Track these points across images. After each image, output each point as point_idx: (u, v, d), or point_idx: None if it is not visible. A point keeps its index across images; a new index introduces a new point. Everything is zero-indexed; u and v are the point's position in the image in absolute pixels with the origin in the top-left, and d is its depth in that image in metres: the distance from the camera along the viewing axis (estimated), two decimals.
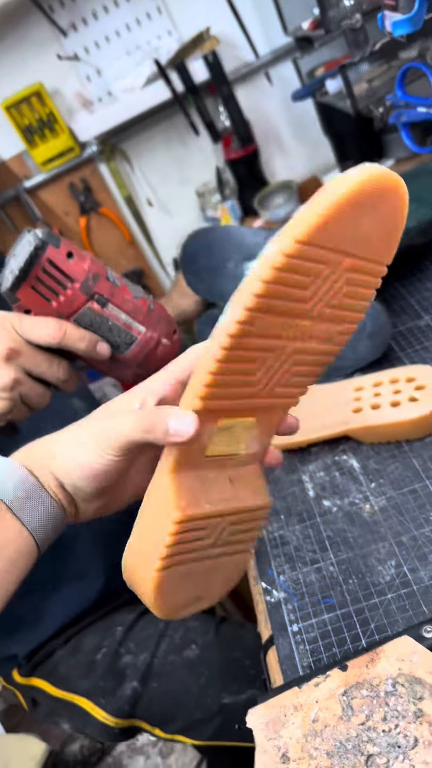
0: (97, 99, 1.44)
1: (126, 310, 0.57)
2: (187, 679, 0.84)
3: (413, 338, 0.89)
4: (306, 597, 0.61)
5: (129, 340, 0.58)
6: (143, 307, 0.58)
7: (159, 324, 0.59)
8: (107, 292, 0.56)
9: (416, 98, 0.81)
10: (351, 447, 0.76)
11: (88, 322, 0.56)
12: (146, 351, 0.59)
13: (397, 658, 0.44)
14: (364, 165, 0.34)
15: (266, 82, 1.47)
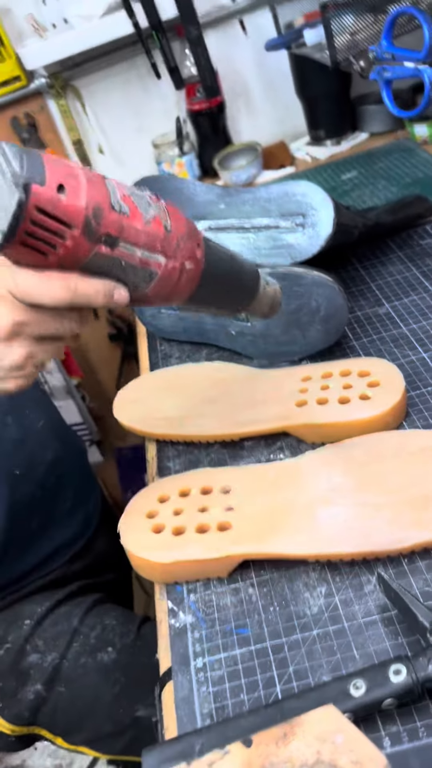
0: (51, 25, 1.28)
1: (140, 244, 0.44)
2: (99, 686, 0.75)
3: (371, 327, 0.79)
4: (217, 624, 0.51)
5: (148, 277, 0.46)
6: (159, 230, 0.45)
7: (180, 246, 0.46)
8: (115, 228, 0.42)
9: (405, 50, 0.70)
10: (290, 445, 0.66)
11: (97, 268, 0.43)
12: (170, 285, 0.47)
13: (317, 737, 0.34)
14: None
15: (240, 30, 1.34)
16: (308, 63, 1.17)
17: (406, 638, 0.47)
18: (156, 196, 0.46)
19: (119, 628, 0.79)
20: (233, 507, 0.57)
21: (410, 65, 0.69)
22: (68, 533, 0.90)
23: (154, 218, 0.44)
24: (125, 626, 0.79)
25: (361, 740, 0.35)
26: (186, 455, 0.69)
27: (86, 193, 0.40)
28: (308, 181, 0.73)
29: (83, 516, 0.93)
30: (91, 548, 0.93)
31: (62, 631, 0.78)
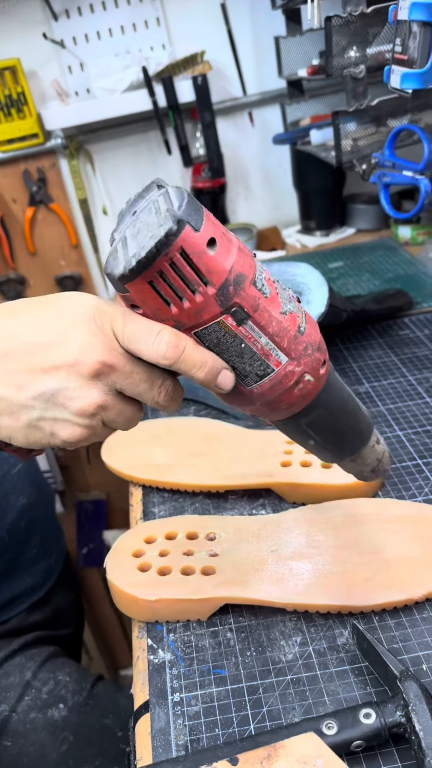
0: (74, 92, 1.37)
1: (269, 332, 0.40)
2: (46, 743, 0.72)
3: None
4: (195, 664, 0.53)
5: (262, 371, 0.41)
6: (292, 327, 0.41)
7: (307, 353, 0.42)
8: (250, 304, 0.39)
9: (404, 161, 0.79)
10: (271, 502, 0.69)
11: (213, 340, 0.40)
12: (281, 389, 0.42)
13: (299, 760, 0.37)
14: None
15: (248, 121, 1.45)
16: (308, 160, 1.28)
17: (374, 688, 0.50)
18: (298, 299, 0.44)
19: (72, 684, 0.77)
20: (218, 553, 0.60)
21: (409, 174, 0.78)
22: (30, 581, 0.89)
23: (291, 313, 0.42)
24: (78, 683, 0.78)
25: (340, 766, 0.37)
26: (171, 502, 0.72)
27: (235, 257, 0.38)
28: (307, 264, 0.80)
29: (46, 565, 0.93)
30: (50, 600, 0.93)
31: (14, 683, 0.76)
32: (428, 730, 0.43)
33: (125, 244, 0.38)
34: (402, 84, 0.69)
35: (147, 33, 1.33)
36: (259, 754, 0.39)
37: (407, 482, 0.69)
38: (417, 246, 1.29)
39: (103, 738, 0.74)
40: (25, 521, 0.88)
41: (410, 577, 0.55)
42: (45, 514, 0.96)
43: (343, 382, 0.48)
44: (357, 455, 0.49)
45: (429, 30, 0.67)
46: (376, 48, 0.91)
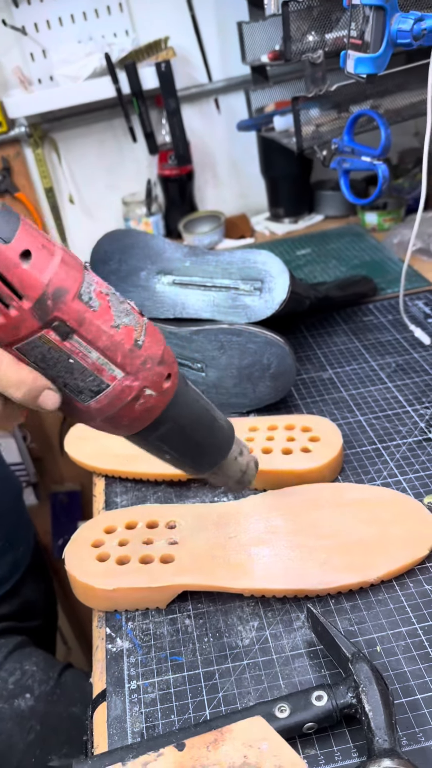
0: (37, 80, 1.35)
1: (99, 347, 0.39)
2: (13, 733, 0.72)
3: (314, 389, 0.85)
4: (153, 651, 0.54)
5: (97, 387, 0.40)
6: (127, 341, 0.40)
7: (146, 367, 0.41)
8: (74, 317, 0.38)
9: (363, 146, 0.79)
10: None
11: (38, 356, 0.39)
12: (120, 404, 0.41)
13: (245, 743, 0.37)
14: None
15: (214, 108, 1.44)
16: (274, 146, 1.27)
17: (329, 671, 0.50)
18: (141, 313, 0.43)
19: (39, 674, 0.77)
20: (177, 541, 0.60)
21: (367, 160, 0.78)
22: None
23: (126, 327, 0.40)
24: (45, 672, 0.78)
25: (285, 748, 0.38)
26: (133, 492, 0.72)
27: (54, 271, 0.37)
28: (269, 252, 0.80)
29: (12, 558, 0.92)
30: (19, 592, 0.92)
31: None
32: (377, 711, 0.44)
33: None
34: (356, 69, 0.68)
35: (110, 19, 1.32)
36: (206, 739, 0.39)
37: (366, 466, 0.70)
38: (383, 232, 1.30)
39: (71, 726, 0.74)
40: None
41: (366, 560, 0.56)
42: (11, 507, 0.96)
43: (198, 393, 0.46)
44: (218, 468, 0.48)
45: (381, 14, 0.67)
46: (336, 33, 0.91)
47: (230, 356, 0.79)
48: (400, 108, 0.95)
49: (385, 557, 0.56)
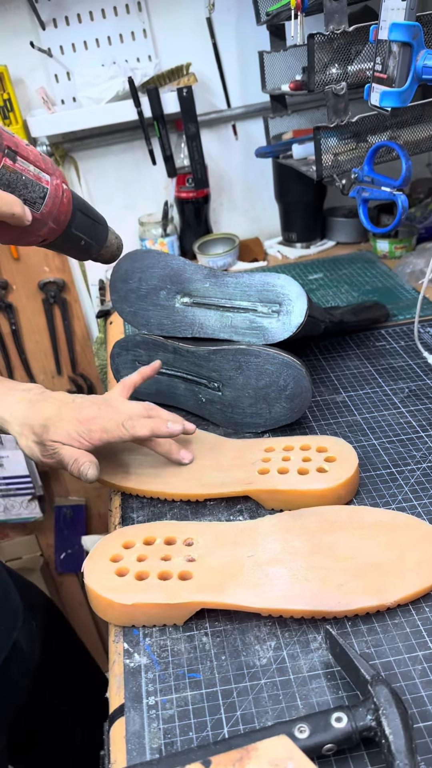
0: (60, 101, 1.38)
1: (32, 160, 0.52)
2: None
3: (328, 411, 0.86)
4: (170, 668, 0.54)
5: (42, 192, 0.53)
6: (37, 153, 0.54)
7: (56, 167, 0.55)
8: (12, 143, 0.50)
9: (383, 177, 0.81)
10: (249, 509, 0.70)
11: (5, 182, 0.51)
12: (57, 202, 0.54)
13: (270, 762, 0.38)
14: None
15: (232, 134, 1.47)
16: (290, 173, 1.30)
17: (346, 693, 0.51)
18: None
19: None
20: (195, 558, 0.60)
21: (387, 190, 0.80)
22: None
23: (29, 144, 0.52)
24: None
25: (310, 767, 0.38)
26: (149, 508, 0.72)
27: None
28: (287, 276, 0.81)
29: None
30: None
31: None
32: (398, 734, 0.44)
33: None
34: (381, 102, 0.70)
35: (134, 44, 1.35)
36: (232, 757, 0.39)
37: (381, 490, 0.71)
38: (394, 259, 1.31)
39: None
40: None
41: (383, 583, 0.57)
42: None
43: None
44: (108, 240, 0.62)
45: (408, 50, 0.69)
46: (358, 66, 0.93)
47: (247, 376, 0.80)
48: (418, 140, 0.97)
49: (402, 581, 0.57)
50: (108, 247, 0.64)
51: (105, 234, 0.63)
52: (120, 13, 1.32)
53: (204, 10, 1.33)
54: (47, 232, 0.55)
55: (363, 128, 0.96)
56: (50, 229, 0.55)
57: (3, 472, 1.61)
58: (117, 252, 0.66)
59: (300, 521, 0.64)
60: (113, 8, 1.32)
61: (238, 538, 0.62)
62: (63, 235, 0.57)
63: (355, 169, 0.86)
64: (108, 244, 0.63)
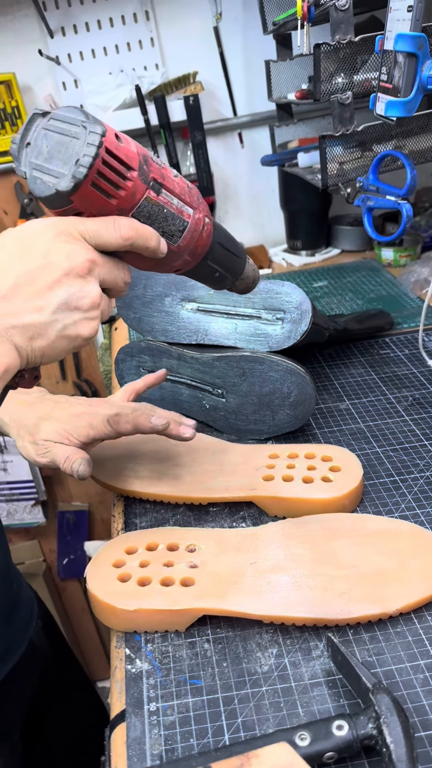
0: None
1: (177, 193, 0.50)
2: None
3: (332, 419, 0.86)
4: (172, 674, 0.54)
5: (182, 226, 0.51)
6: (184, 184, 0.51)
7: (200, 201, 0.52)
8: (159, 174, 0.48)
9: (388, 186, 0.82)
10: (252, 515, 0.70)
11: (146, 215, 0.49)
12: (196, 236, 0.52)
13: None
14: None
15: (238, 142, 1.48)
16: (295, 181, 1.30)
17: (347, 701, 0.51)
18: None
19: None
20: (197, 565, 0.60)
21: (392, 199, 0.80)
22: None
23: (179, 177, 0.51)
24: None
25: None
26: (152, 513, 0.72)
27: (134, 143, 0.47)
28: (292, 283, 0.82)
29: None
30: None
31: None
32: (399, 743, 0.44)
33: (44, 168, 0.45)
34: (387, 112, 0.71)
35: (141, 53, 1.36)
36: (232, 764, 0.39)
37: (384, 498, 0.71)
38: (399, 268, 1.32)
39: None
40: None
41: (385, 592, 0.57)
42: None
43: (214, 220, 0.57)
44: (244, 273, 0.60)
45: (413, 61, 0.69)
46: (363, 75, 0.94)
47: (251, 383, 0.80)
48: (423, 149, 0.97)
49: (405, 590, 0.57)
50: (243, 279, 0.61)
51: (242, 267, 0.60)
52: (128, 21, 1.33)
53: (211, 20, 1.34)
54: (182, 263, 0.54)
55: (368, 137, 0.96)
56: (185, 261, 0.54)
57: (7, 477, 1.61)
58: (252, 285, 0.63)
59: (303, 529, 0.64)
60: (121, 17, 1.33)
61: (241, 544, 0.63)
62: (198, 266, 0.56)
63: (360, 178, 0.86)
64: (243, 276, 0.61)
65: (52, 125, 0.46)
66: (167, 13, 1.34)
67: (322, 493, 0.67)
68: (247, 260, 0.61)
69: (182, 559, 0.61)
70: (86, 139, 0.44)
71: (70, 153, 0.44)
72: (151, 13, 1.33)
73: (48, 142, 0.45)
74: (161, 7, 1.34)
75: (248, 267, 0.61)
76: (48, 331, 0.46)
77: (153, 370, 0.88)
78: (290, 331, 0.80)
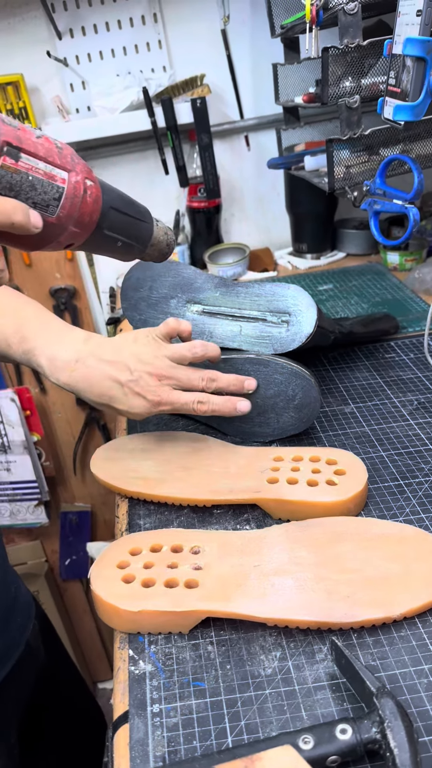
0: (75, 109, 1.40)
1: (41, 156, 0.43)
2: None
3: (336, 422, 0.86)
4: (175, 675, 0.54)
5: (56, 194, 0.44)
6: (52, 146, 0.45)
7: (75, 162, 0.46)
8: (13, 137, 0.42)
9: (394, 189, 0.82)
10: (256, 518, 0.70)
11: (6, 185, 0.42)
12: (78, 202, 0.45)
13: None
14: None
15: (244, 145, 1.48)
16: (301, 185, 1.30)
17: (351, 704, 0.51)
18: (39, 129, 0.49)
19: None
20: (201, 567, 0.60)
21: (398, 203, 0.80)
22: None
23: (43, 137, 0.45)
24: None
25: None
26: (156, 515, 0.72)
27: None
28: (297, 286, 0.82)
29: None
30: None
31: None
32: (403, 747, 0.44)
33: None
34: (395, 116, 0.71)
35: (149, 55, 1.36)
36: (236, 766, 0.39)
37: (389, 502, 0.70)
38: (405, 272, 1.32)
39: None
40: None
41: (389, 596, 0.56)
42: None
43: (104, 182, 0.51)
44: (153, 238, 0.54)
45: (422, 65, 0.69)
46: (371, 79, 0.94)
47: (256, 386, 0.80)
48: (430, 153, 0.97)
49: (409, 594, 0.57)
50: (154, 245, 0.54)
51: (149, 231, 0.53)
52: (136, 24, 1.34)
53: (219, 22, 1.34)
54: (69, 236, 0.47)
55: (375, 141, 0.96)
56: (72, 233, 0.47)
57: (10, 477, 1.61)
58: (167, 249, 0.56)
59: (307, 532, 0.63)
60: (129, 19, 1.33)
61: (245, 547, 0.62)
62: (92, 237, 0.49)
63: (367, 182, 0.86)
64: (154, 242, 0.54)
65: None
66: (175, 16, 1.35)
67: (326, 496, 0.67)
68: (155, 223, 0.54)
69: (186, 560, 0.61)
70: None
71: None
72: (159, 15, 1.34)
73: None
74: (169, 10, 1.34)
75: (158, 231, 0.54)
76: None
77: None
78: (295, 333, 0.80)
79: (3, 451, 1.58)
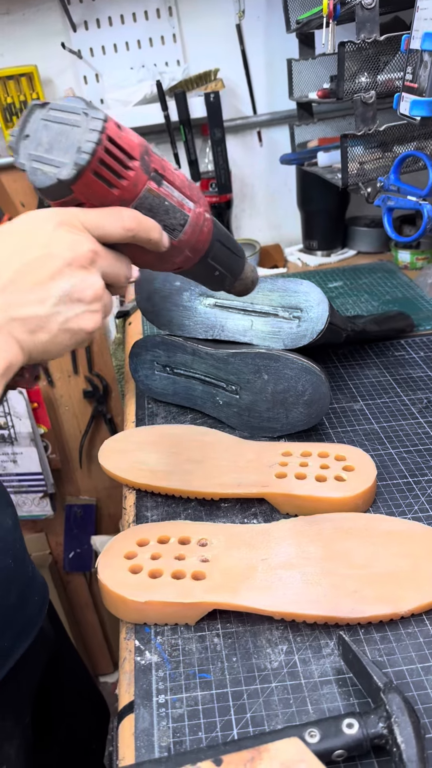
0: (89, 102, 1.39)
1: (177, 186, 0.49)
2: None
3: (345, 419, 0.86)
4: (181, 667, 0.54)
5: (183, 220, 0.50)
6: (184, 177, 0.51)
7: (201, 195, 0.51)
8: (159, 165, 0.47)
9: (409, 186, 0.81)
10: (263, 512, 0.70)
11: (147, 206, 0.47)
12: (197, 230, 0.51)
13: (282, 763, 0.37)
14: None
15: (257, 140, 1.47)
16: (313, 181, 1.30)
17: (357, 699, 0.50)
18: None
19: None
20: (209, 559, 0.60)
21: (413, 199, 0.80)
22: None
23: (177, 168, 0.51)
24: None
25: None
26: (164, 507, 0.72)
27: (135, 134, 0.46)
28: (310, 282, 0.81)
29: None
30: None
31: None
32: (410, 743, 0.44)
33: (44, 159, 0.44)
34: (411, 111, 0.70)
35: (163, 48, 1.36)
36: (243, 757, 0.39)
37: (398, 499, 0.70)
38: (416, 270, 1.31)
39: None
40: None
41: (397, 592, 0.56)
42: None
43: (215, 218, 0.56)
44: (243, 273, 0.59)
45: None
46: (387, 75, 0.94)
47: (265, 380, 0.80)
48: None
49: (417, 591, 0.56)
50: (242, 280, 0.59)
51: (242, 266, 0.58)
52: (151, 17, 1.33)
53: (234, 17, 1.34)
54: (183, 260, 0.52)
55: (390, 137, 0.96)
56: (186, 257, 0.52)
57: (16, 469, 1.62)
58: (251, 286, 0.61)
59: (315, 527, 0.63)
60: (144, 12, 1.33)
61: (253, 540, 0.62)
62: (198, 264, 0.54)
63: (381, 178, 0.86)
64: (242, 277, 0.59)
65: (52, 115, 0.45)
66: (190, 10, 1.34)
67: (335, 492, 0.66)
68: (246, 260, 0.59)
69: (194, 552, 0.61)
70: (88, 125, 0.43)
71: (71, 141, 0.43)
72: (175, 9, 1.33)
73: (48, 133, 0.45)
74: (184, 4, 1.34)
75: (247, 267, 0.60)
76: (50, 324, 0.44)
77: (167, 365, 0.88)
78: (306, 329, 0.80)
79: (10, 443, 1.59)
